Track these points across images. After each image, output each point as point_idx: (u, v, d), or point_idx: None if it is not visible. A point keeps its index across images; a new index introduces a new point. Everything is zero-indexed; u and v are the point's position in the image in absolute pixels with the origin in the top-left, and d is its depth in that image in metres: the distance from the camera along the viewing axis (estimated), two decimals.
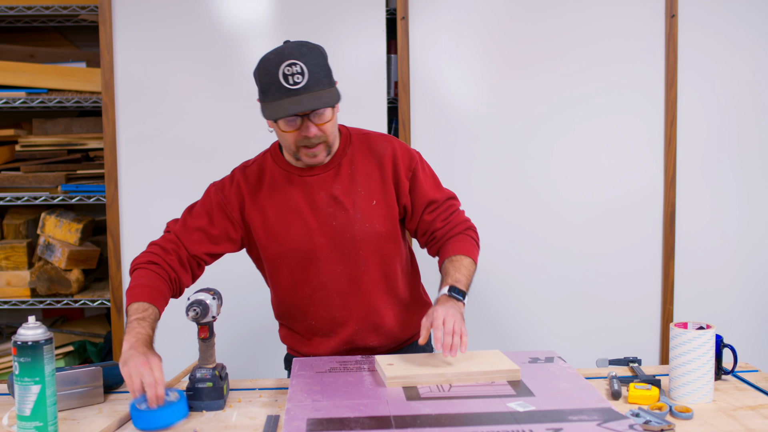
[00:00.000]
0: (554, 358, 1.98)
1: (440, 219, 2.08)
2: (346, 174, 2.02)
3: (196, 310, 1.73)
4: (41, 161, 3.25)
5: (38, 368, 1.53)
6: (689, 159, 3.01)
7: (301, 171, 2.02)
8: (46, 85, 3.18)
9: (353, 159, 2.04)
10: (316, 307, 2.07)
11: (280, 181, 2.03)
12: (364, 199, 2.01)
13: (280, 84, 1.83)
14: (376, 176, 2.03)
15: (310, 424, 1.52)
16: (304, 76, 1.83)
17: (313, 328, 2.11)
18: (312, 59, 1.85)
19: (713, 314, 3.02)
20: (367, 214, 2.01)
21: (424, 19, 2.93)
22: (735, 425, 1.61)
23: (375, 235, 2.02)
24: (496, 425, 1.50)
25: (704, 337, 1.75)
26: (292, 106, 1.83)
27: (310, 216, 2.01)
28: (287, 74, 1.83)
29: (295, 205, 2.01)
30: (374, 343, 2.10)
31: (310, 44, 1.89)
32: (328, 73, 1.88)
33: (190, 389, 1.75)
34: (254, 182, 2.05)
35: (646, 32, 2.96)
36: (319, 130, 1.90)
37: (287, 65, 1.83)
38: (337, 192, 2.01)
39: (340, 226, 2.00)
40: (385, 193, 2.03)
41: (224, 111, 2.93)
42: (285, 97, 1.84)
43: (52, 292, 3.19)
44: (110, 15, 2.88)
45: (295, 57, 1.83)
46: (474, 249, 2.06)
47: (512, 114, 2.97)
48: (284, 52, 1.85)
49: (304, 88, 1.83)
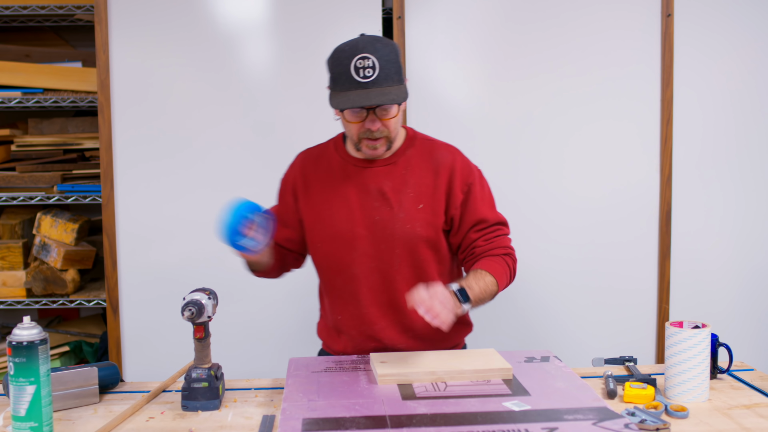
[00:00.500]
0: (550, 358, 1.98)
1: (483, 239, 2.06)
2: (400, 173, 2.05)
3: (191, 310, 1.73)
4: (37, 161, 3.24)
5: (33, 368, 1.53)
6: (685, 158, 3.01)
7: (357, 161, 2.07)
8: (42, 84, 3.18)
9: (410, 160, 2.06)
10: (346, 300, 2.09)
11: (336, 169, 2.08)
12: (411, 201, 2.03)
13: (351, 76, 1.87)
14: (428, 182, 2.04)
15: (306, 424, 1.52)
16: (375, 70, 1.86)
17: (342, 321, 2.11)
18: (384, 55, 1.88)
19: (709, 313, 3.02)
20: (410, 215, 2.02)
21: (420, 19, 2.93)
22: (730, 424, 1.62)
23: (414, 237, 2.02)
24: (492, 425, 1.50)
25: (700, 336, 1.75)
26: (360, 98, 1.87)
27: (356, 206, 2.04)
28: (359, 67, 1.86)
29: (344, 193, 2.05)
30: (404, 346, 2.08)
31: (385, 40, 1.93)
32: (398, 71, 1.91)
33: (186, 389, 1.75)
34: (312, 166, 2.11)
35: (642, 32, 2.96)
36: (383, 125, 1.94)
37: (360, 58, 1.86)
38: (386, 188, 2.03)
39: (381, 221, 2.02)
40: (433, 200, 2.04)
41: (221, 111, 2.93)
42: (354, 89, 1.87)
43: (48, 293, 3.19)
44: (106, 15, 2.87)
45: (369, 51, 1.87)
46: (503, 273, 2.01)
47: (508, 114, 2.97)
48: (358, 45, 1.89)
49: (373, 82, 1.87)
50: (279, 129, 2.94)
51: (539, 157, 2.98)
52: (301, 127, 2.93)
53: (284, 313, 2.98)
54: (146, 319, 2.96)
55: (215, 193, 2.93)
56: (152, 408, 1.78)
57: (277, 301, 2.97)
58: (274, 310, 2.98)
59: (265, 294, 2.97)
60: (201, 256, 2.94)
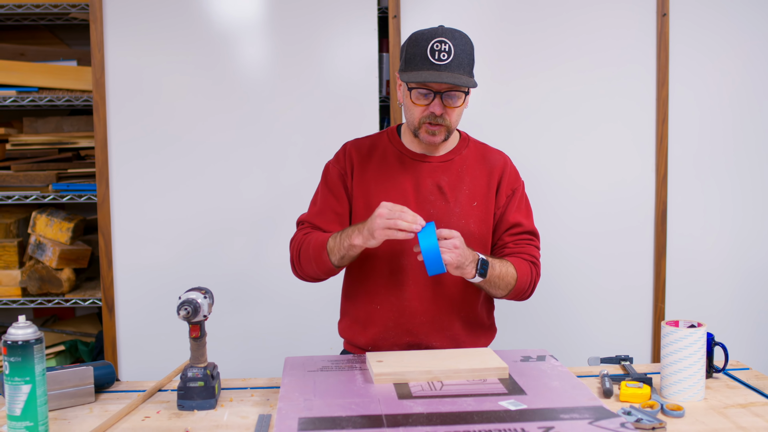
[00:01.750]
0: (546, 357, 1.98)
1: (514, 242, 2.09)
2: (456, 170, 2.08)
3: (187, 309, 1.72)
4: (32, 160, 3.23)
5: (28, 368, 1.52)
6: (681, 157, 3.02)
7: (414, 155, 2.08)
8: (37, 83, 3.17)
9: (466, 159, 2.10)
10: (389, 290, 2.07)
11: (392, 160, 2.09)
12: (466, 197, 2.06)
13: (426, 56, 1.90)
14: (483, 181, 2.08)
15: (302, 423, 1.52)
16: (451, 54, 1.90)
17: (378, 313, 2.09)
18: (461, 44, 1.92)
19: (705, 312, 3.03)
20: (465, 212, 2.05)
21: (415, 18, 2.93)
22: (726, 423, 1.62)
23: (468, 234, 2.02)
24: (488, 424, 1.50)
25: (695, 335, 1.75)
26: (432, 76, 1.89)
27: (412, 198, 2.04)
28: (435, 49, 1.90)
29: (401, 185, 2.05)
30: (438, 345, 2.08)
31: (464, 33, 1.96)
32: (471, 62, 1.95)
33: (182, 388, 1.74)
34: (365, 154, 2.12)
35: (637, 31, 2.97)
36: (446, 113, 1.96)
37: (437, 41, 1.90)
38: (443, 183, 2.06)
39: (436, 215, 2.03)
40: (486, 199, 2.07)
41: (216, 109, 2.92)
42: (427, 69, 1.91)
43: (43, 292, 3.18)
44: (101, 13, 2.87)
45: (447, 37, 1.91)
46: (526, 273, 2.05)
47: (504, 114, 2.97)
48: (438, 31, 1.93)
49: (447, 66, 1.90)
50: (274, 127, 2.93)
51: (535, 156, 2.98)
52: (297, 125, 2.93)
53: (280, 311, 2.97)
54: (142, 318, 2.95)
55: (211, 191, 2.93)
56: (148, 407, 1.78)
57: (273, 300, 2.97)
58: (270, 309, 2.97)
59: (261, 293, 2.97)
60: (197, 254, 2.94)
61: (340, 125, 2.92)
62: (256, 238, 2.96)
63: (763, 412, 1.68)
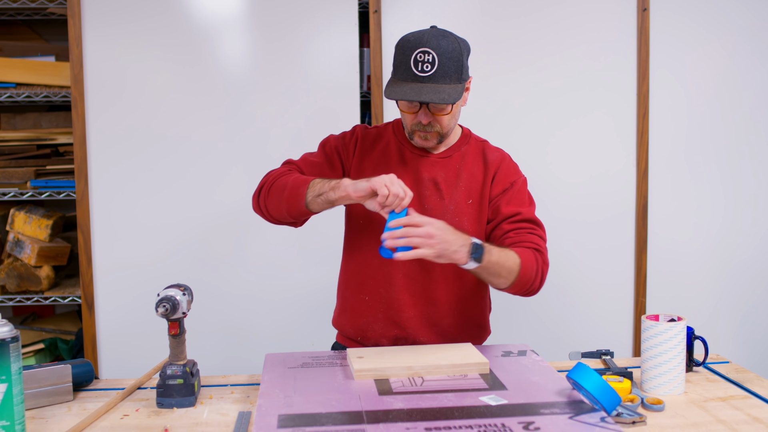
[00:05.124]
0: (527, 352, 1.98)
1: (515, 231, 2.03)
2: (454, 167, 2.07)
3: (165, 306, 1.71)
4: (10, 156, 3.20)
5: (4, 366, 1.51)
6: (661, 152, 3.03)
7: (414, 149, 2.09)
8: (15, 79, 3.14)
9: (465, 157, 2.09)
10: (378, 281, 2.07)
11: (393, 151, 2.09)
12: (462, 195, 2.05)
13: (409, 67, 1.88)
14: (479, 179, 2.07)
15: (282, 420, 1.51)
16: (434, 65, 1.87)
17: (366, 303, 2.09)
18: (447, 52, 1.88)
19: (685, 306, 3.04)
20: (459, 209, 2.04)
21: (396, 13, 2.92)
22: (706, 416, 1.62)
23: (460, 231, 1.97)
24: (469, 419, 1.50)
25: (675, 329, 1.76)
26: (411, 92, 1.87)
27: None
28: (419, 60, 1.87)
29: (399, 176, 1.99)
30: (426, 339, 2.07)
31: (453, 36, 1.92)
32: (458, 69, 1.91)
33: (161, 386, 1.73)
34: (370, 141, 2.12)
35: (618, 26, 2.97)
36: (435, 120, 1.96)
37: (420, 52, 1.87)
38: (439, 179, 2.05)
39: (430, 211, 2.02)
40: (482, 197, 2.06)
41: (197, 106, 2.91)
42: (410, 82, 1.89)
43: (22, 289, 3.15)
44: (79, 8, 2.84)
45: (431, 46, 1.87)
46: (531, 261, 1.95)
47: (486, 108, 2.97)
48: (423, 38, 1.89)
49: (429, 78, 1.87)
50: (255, 123, 2.92)
51: (516, 151, 2.96)
52: (277, 121, 2.92)
53: (260, 308, 2.96)
54: (122, 315, 2.93)
55: (191, 188, 2.91)
56: (127, 405, 1.76)
57: (254, 296, 2.96)
58: (250, 306, 2.96)
59: (241, 290, 2.95)
60: (177, 251, 2.92)
61: (321, 120, 2.90)
62: (236, 234, 2.94)
63: (743, 406, 1.69)
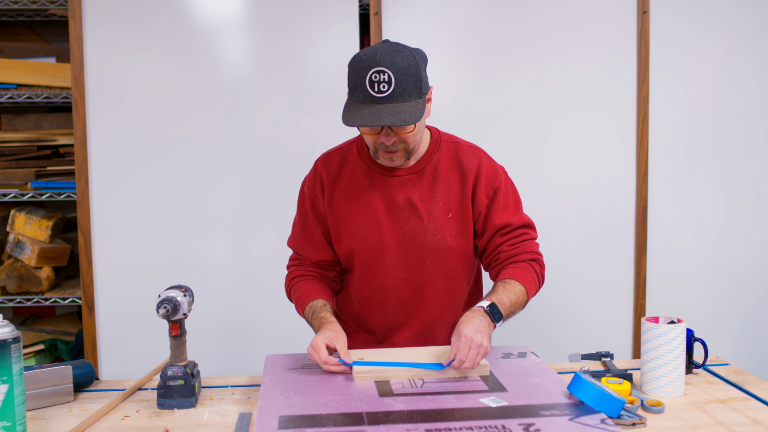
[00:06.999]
0: (527, 354, 1.99)
1: (509, 243, 2.01)
2: (428, 181, 1.99)
3: (166, 308, 1.71)
4: (10, 158, 3.21)
5: (6, 367, 1.51)
6: (661, 155, 3.02)
7: (382, 169, 2.00)
8: (15, 80, 3.15)
9: (438, 166, 2.00)
10: (372, 308, 2.07)
11: (361, 176, 2.01)
12: (440, 210, 1.99)
13: (366, 89, 1.80)
14: (456, 188, 2.00)
15: (282, 422, 1.51)
16: (390, 85, 1.78)
17: (365, 327, 2.10)
18: (402, 69, 1.79)
19: (685, 309, 3.04)
20: (440, 225, 1.98)
21: (397, 15, 2.92)
22: (705, 418, 1.62)
23: (445, 248, 1.99)
24: (469, 421, 1.50)
25: (675, 332, 1.76)
26: (370, 116, 1.79)
27: (384, 216, 1.99)
28: (374, 80, 1.79)
29: (371, 203, 1.99)
30: None
31: (407, 51, 1.83)
32: (417, 84, 1.82)
33: (162, 387, 1.73)
34: (335, 172, 2.04)
35: (618, 27, 2.97)
36: (399, 139, 1.87)
37: (375, 72, 1.78)
38: (415, 198, 1.98)
39: (411, 233, 1.98)
40: (462, 207, 2.00)
41: (197, 107, 2.91)
42: (367, 104, 1.80)
43: (22, 290, 3.16)
44: (80, 9, 2.84)
45: (386, 64, 1.78)
46: (532, 280, 1.98)
47: (485, 110, 2.97)
48: (376, 56, 1.80)
49: (387, 98, 1.79)
50: (255, 124, 2.92)
51: (517, 153, 2.98)
52: (277, 122, 2.92)
53: (261, 310, 2.96)
54: (122, 316, 2.93)
55: (191, 189, 2.91)
56: (128, 406, 1.77)
57: (254, 298, 2.96)
58: (251, 307, 2.96)
59: (242, 291, 2.95)
60: (178, 252, 2.92)
61: (321, 122, 2.91)
62: (238, 236, 2.94)
63: (743, 408, 1.69)
